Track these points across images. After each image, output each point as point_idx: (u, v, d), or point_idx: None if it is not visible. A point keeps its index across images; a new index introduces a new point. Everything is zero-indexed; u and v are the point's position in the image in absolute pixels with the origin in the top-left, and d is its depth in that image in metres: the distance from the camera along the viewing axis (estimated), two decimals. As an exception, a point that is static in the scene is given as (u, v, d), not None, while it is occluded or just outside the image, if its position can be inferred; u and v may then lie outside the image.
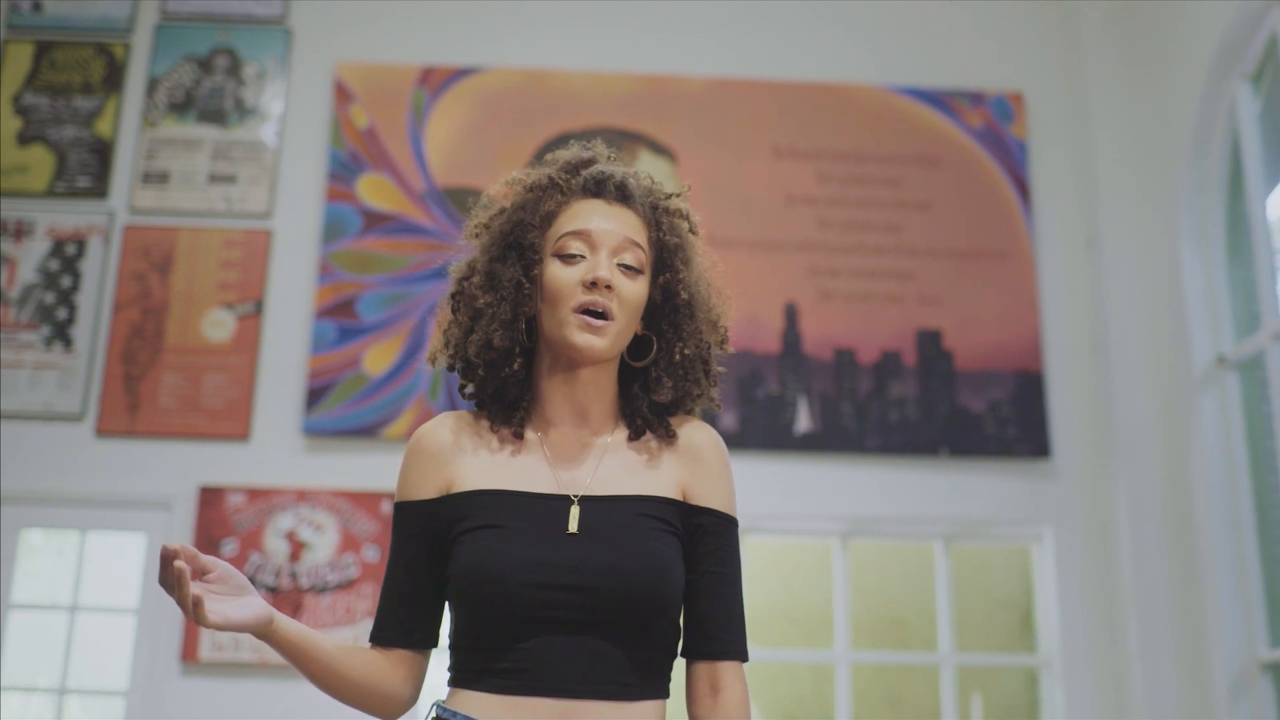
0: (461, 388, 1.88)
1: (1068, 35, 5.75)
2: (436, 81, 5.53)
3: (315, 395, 5.12)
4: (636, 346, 1.86)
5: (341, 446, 5.13)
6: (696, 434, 1.86)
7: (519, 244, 1.83)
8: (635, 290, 1.81)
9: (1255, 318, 4.90)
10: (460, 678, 1.73)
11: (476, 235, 1.90)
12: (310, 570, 4.95)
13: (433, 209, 5.37)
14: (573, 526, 1.72)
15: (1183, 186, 5.14)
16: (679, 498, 1.79)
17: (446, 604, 1.80)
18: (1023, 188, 5.55)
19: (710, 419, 2.86)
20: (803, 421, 5.21)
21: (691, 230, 1.92)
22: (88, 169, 5.38)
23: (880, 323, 5.37)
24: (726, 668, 1.77)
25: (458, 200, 5.38)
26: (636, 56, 5.68)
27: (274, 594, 4.90)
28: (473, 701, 1.69)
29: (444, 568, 1.77)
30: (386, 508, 5.01)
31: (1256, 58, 4.88)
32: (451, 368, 1.86)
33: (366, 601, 4.91)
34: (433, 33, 5.65)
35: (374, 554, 4.96)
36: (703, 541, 1.78)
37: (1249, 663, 4.68)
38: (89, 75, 5.52)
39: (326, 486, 5.05)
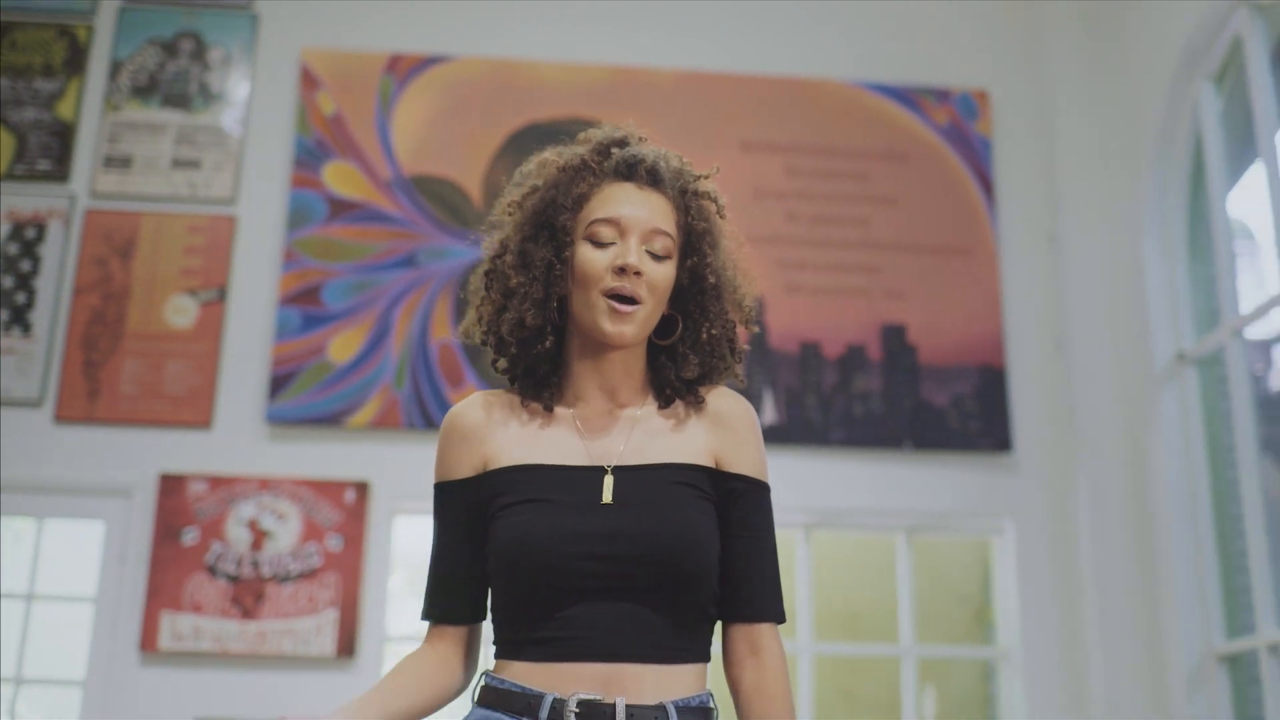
0: (494, 362, 1.91)
1: (1033, 34, 5.80)
2: (404, 69, 5.50)
3: (279, 383, 5.08)
4: (663, 325, 1.89)
5: (305, 435, 5.10)
6: (726, 401, 1.90)
7: (551, 225, 1.86)
8: (663, 275, 1.84)
9: (1215, 315, 4.97)
10: (506, 649, 1.76)
11: (510, 213, 1.93)
12: (272, 559, 4.91)
13: (399, 197, 5.34)
14: (607, 496, 1.76)
15: (1145, 185, 5.20)
16: (711, 464, 1.83)
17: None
18: (987, 184, 5.59)
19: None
20: (768, 414, 5.22)
21: (719, 213, 1.95)
22: (49, 152, 5.31)
23: (846, 316, 5.40)
24: (764, 629, 1.81)
25: (425, 189, 5.36)
26: (606, 48, 5.67)
27: (235, 583, 4.86)
28: (519, 670, 1.72)
29: (485, 544, 1.80)
30: (350, 497, 4.98)
31: (1220, 58, 4.94)
32: (484, 343, 1.90)
33: (329, 591, 4.88)
34: (401, 20, 5.63)
35: (337, 543, 4.93)
36: (736, 507, 1.82)
37: (1206, 654, 4.74)
38: (50, 57, 5.45)
39: (289, 475, 5.01)
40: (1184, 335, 5.06)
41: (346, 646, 4.82)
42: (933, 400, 5.32)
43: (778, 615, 1.82)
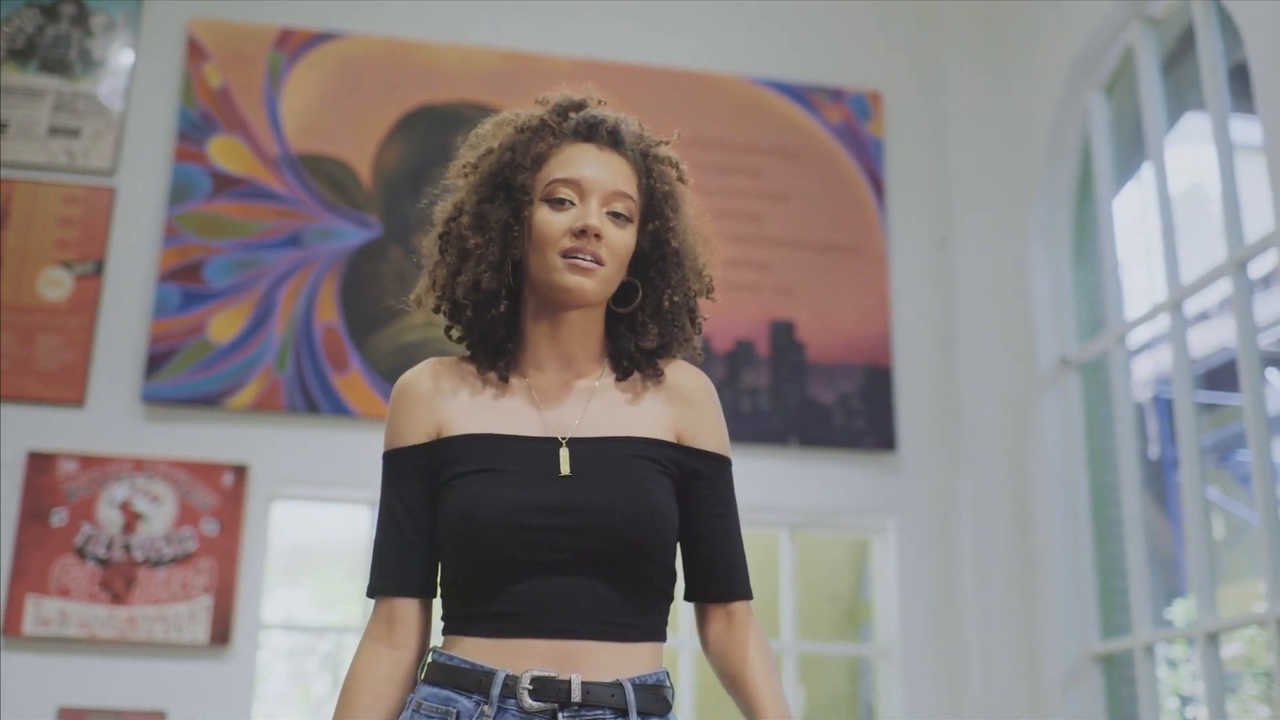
0: (448, 330, 1.85)
1: (928, 38, 5.86)
2: (295, 44, 5.37)
3: (156, 361, 4.93)
4: (622, 293, 1.84)
5: (182, 415, 4.95)
6: (685, 375, 1.86)
7: (508, 185, 1.80)
8: (624, 239, 1.79)
9: (1099, 321, 5.07)
10: (455, 625, 1.70)
11: (465, 174, 1.86)
12: (145, 543, 4.76)
13: (286, 175, 5.21)
14: (564, 469, 1.70)
15: (1034, 191, 5.29)
16: (672, 439, 1.79)
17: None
18: (878, 185, 5.64)
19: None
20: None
21: (680, 178, 1.90)
22: (-83, 114, 5.09)
23: (735, 312, 5.40)
24: (740, 608, 1.79)
25: (313, 167, 5.24)
26: (502, 32, 5.60)
27: (105, 567, 4.70)
28: (469, 646, 1.66)
29: (435, 514, 1.74)
30: (228, 480, 4.85)
31: (1111, 69, 5.04)
32: (438, 309, 1.83)
33: (204, 577, 4.74)
34: (293, -6, 5.49)
35: (213, 527, 4.80)
36: (701, 485, 1.78)
37: (1081, 654, 4.84)
38: (-79, 15, 5.22)
39: (165, 456, 4.87)
40: (1068, 340, 5.16)
41: (221, 634, 4.70)
42: (819, 398, 5.35)
43: (750, 593, 1.81)
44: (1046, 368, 5.14)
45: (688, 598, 1.82)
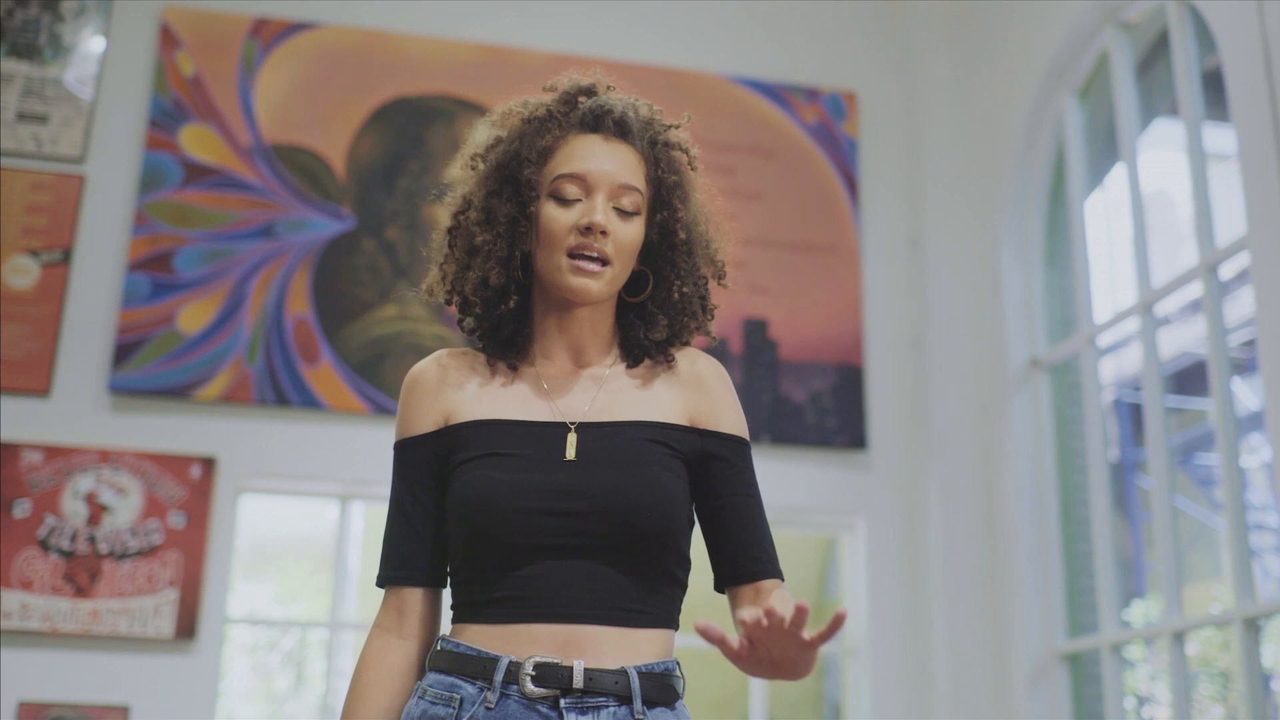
0: (460, 321, 1.85)
1: (903, 39, 5.88)
2: (269, 34, 5.32)
3: (124, 351, 4.87)
4: (633, 282, 1.83)
5: (150, 406, 4.90)
6: (697, 361, 1.85)
7: (515, 179, 1.79)
8: (631, 233, 1.78)
9: (1069, 323, 5.10)
10: (463, 612, 1.69)
11: (473, 165, 1.85)
12: (110, 535, 4.71)
13: (259, 165, 5.17)
14: (570, 453, 1.69)
15: (1006, 193, 5.31)
16: (685, 424, 1.77)
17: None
18: (852, 185, 5.65)
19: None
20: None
21: (691, 164, 1.90)
22: (-119, 97, 5.01)
23: (708, 309, 5.38)
24: (769, 585, 1.77)
25: (286, 158, 5.19)
26: (478, 25, 5.57)
27: (69, 559, 4.64)
28: (475, 633, 1.65)
29: (445, 501, 1.73)
30: (196, 472, 4.80)
31: (1085, 73, 5.07)
32: (448, 302, 1.83)
33: (170, 570, 4.69)
34: (267, -17, 5.44)
35: (180, 520, 4.75)
36: (721, 468, 1.77)
37: (1048, 653, 4.87)
38: (-113, -3, 5.14)
39: (132, 448, 4.81)
40: (1038, 341, 5.19)
41: (186, 628, 4.65)
42: (791, 396, 5.36)
43: (779, 572, 1.79)
44: (1017, 369, 5.17)
45: (718, 587, 1.80)
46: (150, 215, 5.02)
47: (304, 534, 7.59)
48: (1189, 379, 6.98)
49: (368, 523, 5.50)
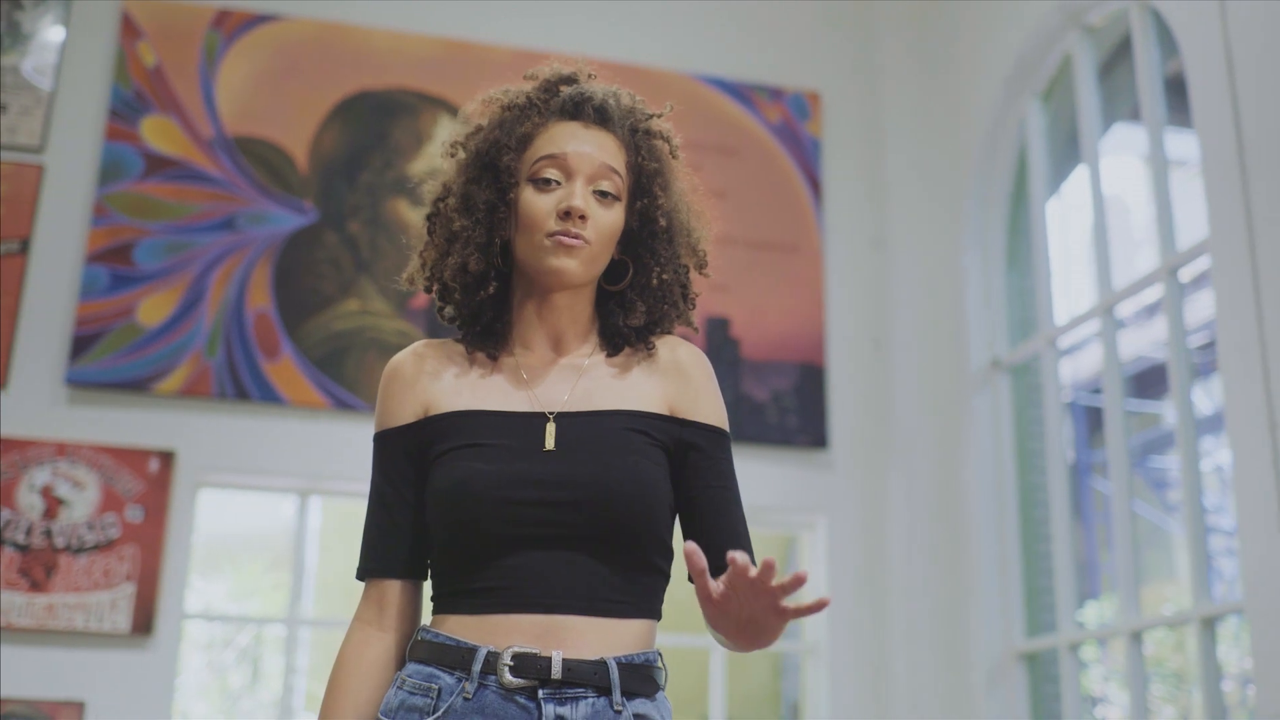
0: (439, 310, 1.84)
1: (867, 40, 5.90)
2: (232, 25, 5.28)
3: (82, 344, 4.82)
4: (613, 270, 1.82)
5: (108, 399, 4.85)
6: (678, 350, 1.84)
7: (494, 166, 1.79)
8: (610, 218, 1.77)
9: (1030, 324, 5.14)
10: (443, 603, 1.69)
11: (452, 153, 1.85)
12: (66, 529, 4.65)
13: (221, 158, 5.12)
14: (550, 443, 1.69)
15: (969, 194, 5.35)
16: (665, 412, 1.77)
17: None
18: (815, 185, 5.67)
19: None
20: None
21: (672, 153, 1.89)
22: None
23: (671, 307, 5.38)
24: None
25: (248, 150, 5.15)
26: (442, 20, 5.55)
27: (24, 553, 4.59)
28: (455, 623, 1.65)
29: (424, 492, 1.72)
30: (154, 466, 4.76)
31: (1048, 76, 5.11)
32: (428, 290, 1.83)
33: (127, 564, 4.64)
34: (230, -26, 5.39)
35: (137, 514, 4.70)
36: (699, 458, 1.76)
37: (1006, 652, 4.90)
38: None
39: (89, 441, 4.76)
40: (999, 342, 5.22)
41: (143, 623, 4.60)
42: (753, 394, 5.37)
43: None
44: (978, 369, 5.20)
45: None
46: (110, 206, 4.97)
47: (260, 530, 7.53)
48: (1144, 383, 7.05)
49: (326, 518, 5.46)
